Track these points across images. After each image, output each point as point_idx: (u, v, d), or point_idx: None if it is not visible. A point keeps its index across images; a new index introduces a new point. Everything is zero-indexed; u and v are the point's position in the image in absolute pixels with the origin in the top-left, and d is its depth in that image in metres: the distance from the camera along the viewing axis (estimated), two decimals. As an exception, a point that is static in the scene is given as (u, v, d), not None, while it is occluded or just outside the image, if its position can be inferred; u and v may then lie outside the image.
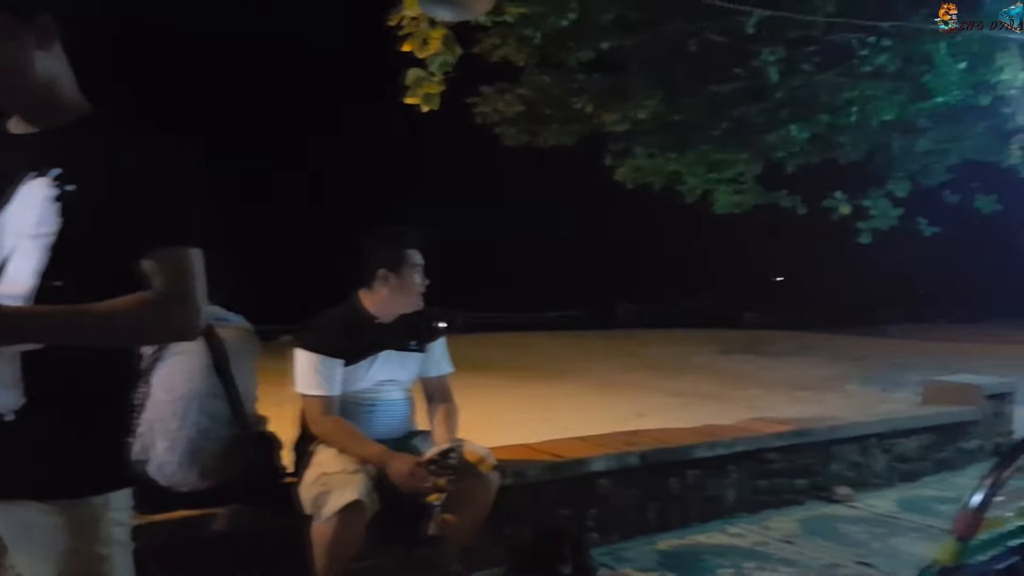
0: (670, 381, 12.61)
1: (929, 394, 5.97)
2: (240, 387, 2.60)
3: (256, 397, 2.74)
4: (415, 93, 4.62)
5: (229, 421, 2.58)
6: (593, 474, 3.67)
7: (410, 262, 2.98)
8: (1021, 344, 21.02)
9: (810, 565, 3.56)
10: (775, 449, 4.38)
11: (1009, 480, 1.18)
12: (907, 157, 9.37)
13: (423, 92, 4.57)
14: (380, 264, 2.97)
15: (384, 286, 2.97)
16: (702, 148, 8.83)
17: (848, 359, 16.42)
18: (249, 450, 2.67)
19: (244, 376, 2.65)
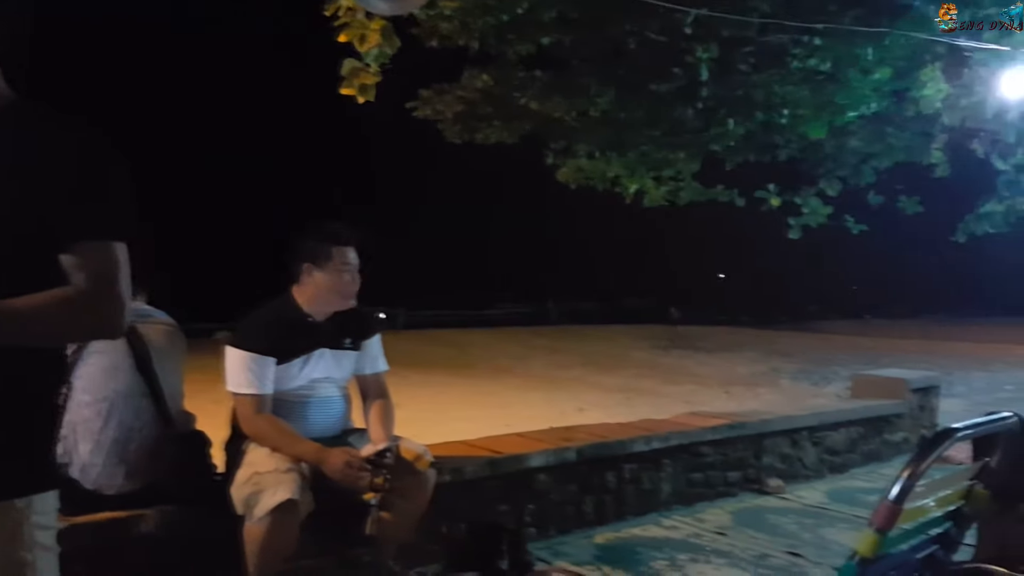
0: (610, 376, 12.75)
1: (857, 388, 6.14)
2: (165, 385, 2.54)
3: (183, 394, 2.67)
4: (351, 84, 4.55)
5: (154, 420, 2.51)
6: (531, 469, 3.68)
7: (336, 258, 2.91)
8: (946, 340, 21.87)
9: (742, 556, 3.64)
10: (709, 443, 4.45)
11: (928, 471, 1.22)
12: (838, 157, 9.63)
13: (359, 83, 4.49)
14: (304, 259, 2.92)
15: (310, 281, 2.92)
16: (643, 148, 8.93)
17: (781, 354, 16.85)
18: (176, 449, 2.61)
19: (169, 374, 2.58)
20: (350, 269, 2.93)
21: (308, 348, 2.94)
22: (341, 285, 2.91)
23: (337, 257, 2.91)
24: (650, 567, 3.45)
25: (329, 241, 2.92)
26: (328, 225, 2.99)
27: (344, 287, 2.92)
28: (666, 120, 8.54)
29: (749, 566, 3.52)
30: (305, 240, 2.96)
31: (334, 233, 2.95)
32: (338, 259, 2.91)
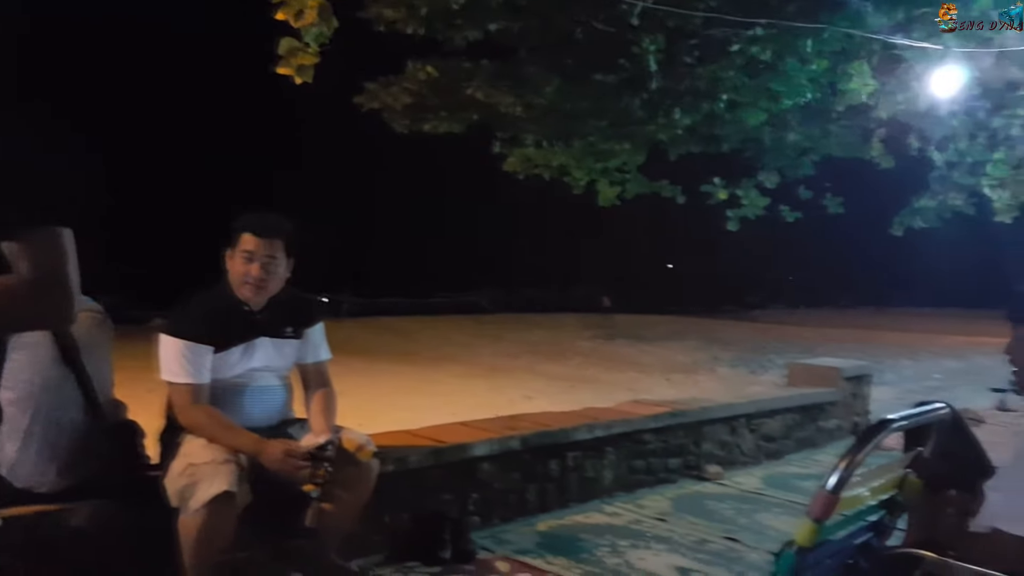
0: (555, 365, 12.83)
1: (793, 376, 6.29)
2: (94, 375, 2.45)
3: (112, 384, 2.59)
4: (288, 64, 4.45)
5: (83, 412, 2.42)
6: (475, 458, 3.68)
7: (239, 245, 2.82)
8: (877, 330, 22.58)
9: (681, 542, 3.70)
10: (651, 430, 4.51)
11: (864, 460, 1.25)
12: (777, 150, 9.83)
13: (297, 63, 4.40)
14: (225, 245, 2.86)
15: (228, 268, 2.86)
16: (589, 139, 8.97)
17: (720, 343, 17.18)
18: (107, 441, 2.52)
19: (97, 363, 2.49)
20: (254, 258, 2.81)
21: (247, 336, 2.87)
22: (241, 273, 2.82)
23: (240, 244, 2.83)
24: (592, 554, 3.48)
25: (238, 228, 2.85)
26: (250, 212, 2.92)
27: (243, 276, 2.81)
28: (612, 111, 8.59)
29: (688, 551, 3.58)
30: (230, 226, 2.90)
31: (242, 220, 2.87)
32: (240, 246, 2.82)
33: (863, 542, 1.51)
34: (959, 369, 13.08)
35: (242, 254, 2.82)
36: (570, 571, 3.26)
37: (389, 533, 3.35)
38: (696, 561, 3.46)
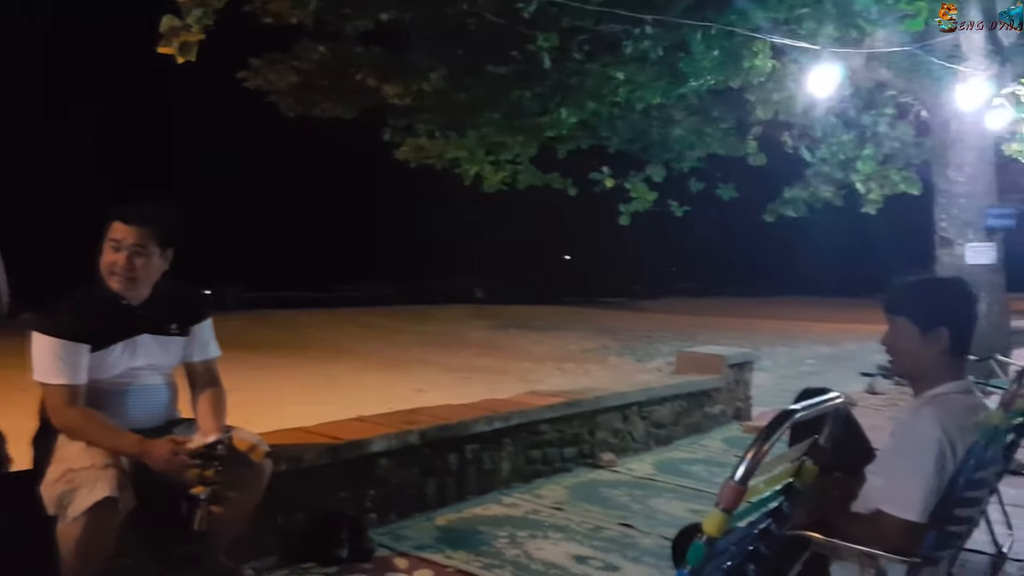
0: (449, 357, 12.80)
1: (681, 364, 6.50)
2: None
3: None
4: (170, 42, 4.24)
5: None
6: (373, 455, 3.61)
7: (107, 234, 2.66)
8: (753, 317, 23.67)
9: (578, 530, 3.75)
10: (547, 421, 4.56)
11: (769, 452, 1.29)
12: (663, 144, 10.14)
13: (179, 42, 4.20)
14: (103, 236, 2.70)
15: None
16: (482, 130, 8.97)
17: (608, 332, 17.58)
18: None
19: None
20: (121, 247, 2.65)
21: (127, 334, 2.71)
22: (108, 263, 2.66)
23: (108, 233, 2.67)
24: (491, 546, 3.49)
25: (108, 217, 2.69)
26: (129, 201, 2.75)
27: (110, 266, 2.66)
28: (504, 103, 8.63)
29: (584, 539, 3.63)
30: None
31: (114, 209, 2.71)
32: (109, 235, 2.67)
33: (763, 528, 1.56)
34: (830, 355, 13.86)
35: (110, 243, 2.65)
36: (470, 564, 3.25)
37: (283, 534, 3.25)
38: (592, 548, 3.52)
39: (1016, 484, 4.65)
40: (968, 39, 7.26)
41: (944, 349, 2.07)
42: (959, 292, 2.16)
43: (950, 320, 2.08)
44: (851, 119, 10.58)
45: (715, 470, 4.95)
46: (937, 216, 8.10)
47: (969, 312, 2.13)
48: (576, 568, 3.28)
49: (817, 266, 39.26)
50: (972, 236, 7.80)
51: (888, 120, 10.43)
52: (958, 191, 7.84)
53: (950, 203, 7.91)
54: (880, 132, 10.59)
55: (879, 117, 10.41)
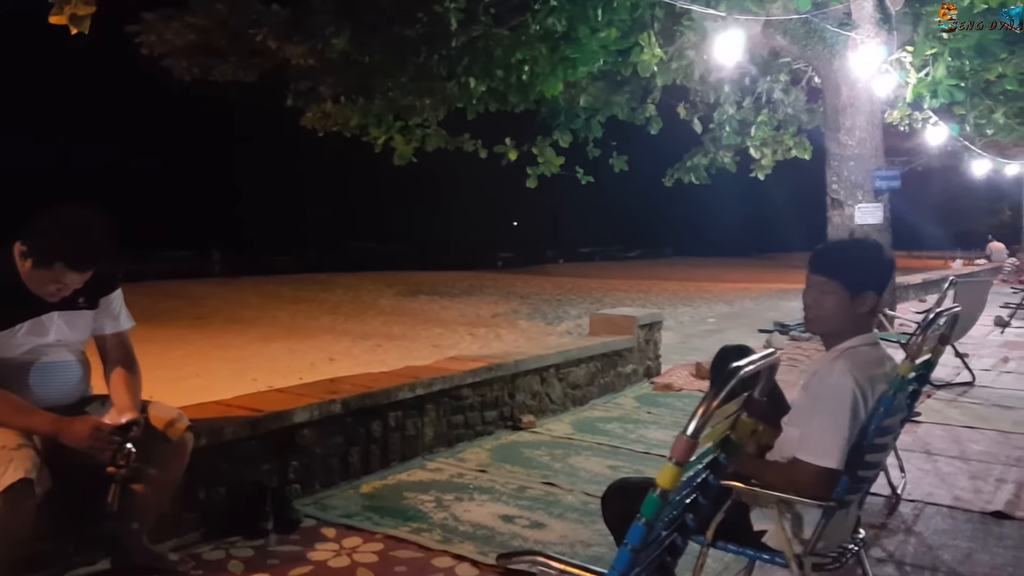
0: (358, 324, 12.66)
1: (594, 326, 6.63)
2: None
3: None
4: (61, 11, 3.97)
5: None
6: (295, 425, 3.56)
7: (49, 270, 2.50)
8: (656, 279, 24.34)
9: (502, 490, 3.82)
10: (469, 385, 4.59)
11: (717, 409, 1.35)
12: (570, 111, 10.22)
13: (70, 12, 3.94)
14: (16, 231, 2.55)
15: (22, 267, 2.55)
16: (390, 95, 8.80)
17: (518, 297, 17.77)
18: None
19: None
20: (64, 288, 2.58)
21: (33, 312, 2.57)
22: (46, 292, 2.56)
23: (51, 271, 2.51)
24: (418, 511, 3.51)
25: (49, 250, 2.50)
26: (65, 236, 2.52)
27: (47, 294, 2.57)
28: (412, 66, 8.49)
29: (510, 499, 3.70)
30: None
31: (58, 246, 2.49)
32: (51, 273, 2.52)
33: (702, 480, 1.64)
34: (730, 313, 14.42)
35: (52, 280, 2.52)
36: (398, 530, 3.27)
37: (205, 510, 3.18)
38: (518, 508, 3.59)
39: (907, 430, 5.00)
40: (859, 7, 7.58)
41: (869, 310, 2.20)
42: (885, 259, 2.29)
43: (877, 285, 2.21)
44: (747, 86, 10.92)
45: (629, 427, 5.11)
46: (829, 179, 8.47)
47: (891, 276, 2.25)
48: (503, 527, 3.34)
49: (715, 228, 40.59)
50: (861, 197, 8.21)
51: (783, 86, 10.82)
52: (848, 154, 8.22)
53: (841, 166, 8.29)
54: (775, 98, 10.99)
55: (774, 84, 10.79)
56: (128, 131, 30.36)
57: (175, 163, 32.30)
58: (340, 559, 2.99)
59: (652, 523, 1.31)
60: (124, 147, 31.05)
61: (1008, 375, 7.24)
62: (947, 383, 6.59)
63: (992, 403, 5.98)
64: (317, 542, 3.14)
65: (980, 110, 11.03)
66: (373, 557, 3.00)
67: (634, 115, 10.91)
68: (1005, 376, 7.18)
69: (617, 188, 22.27)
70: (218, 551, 3.04)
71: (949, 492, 3.92)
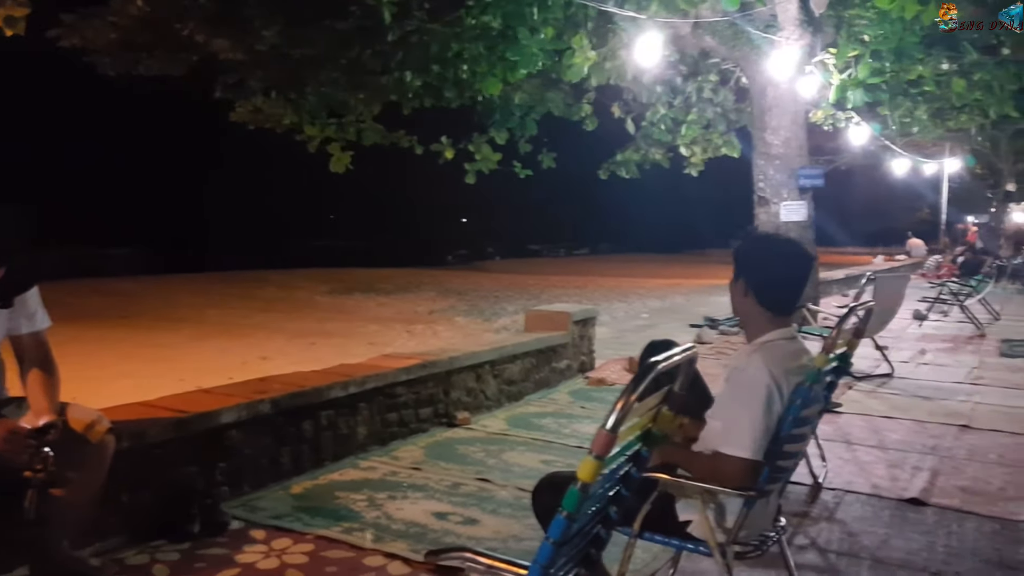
0: (292, 322, 12.46)
1: (529, 322, 6.67)
2: None
3: None
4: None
5: None
6: (223, 426, 3.49)
7: None
8: (591, 275, 24.59)
9: (437, 487, 3.82)
10: (403, 383, 4.57)
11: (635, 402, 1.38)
12: (505, 108, 10.24)
13: (5, 14, 3.81)
14: None
15: None
16: (323, 90, 8.67)
17: (455, 293, 17.74)
18: None
19: None
20: None
21: (-57, 309, 2.47)
22: None
23: None
24: (350, 510, 3.48)
25: None
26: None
27: None
28: (345, 60, 8.39)
29: (443, 496, 3.71)
30: None
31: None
32: None
33: (625, 472, 1.67)
34: (662, 308, 14.68)
35: None
36: (329, 530, 3.24)
37: (129, 513, 3.10)
38: (451, 504, 3.60)
39: (829, 420, 5.18)
40: (783, 9, 7.78)
41: (749, 298, 2.29)
42: (765, 249, 2.38)
43: (747, 272, 2.31)
44: (678, 86, 11.12)
45: (563, 422, 5.16)
46: (756, 177, 8.68)
47: (775, 269, 2.31)
48: (436, 524, 3.35)
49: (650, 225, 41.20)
50: (786, 195, 8.44)
51: (712, 86, 11.04)
52: (774, 153, 8.44)
53: (767, 165, 8.50)
54: (704, 98, 11.21)
55: (703, 83, 11.00)
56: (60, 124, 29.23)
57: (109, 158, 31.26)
58: (269, 561, 2.95)
59: (573, 516, 1.34)
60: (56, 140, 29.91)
61: (925, 367, 7.56)
62: (867, 375, 6.85)
63: (910, 394, 6.23)
64: (245, 544, 3.09)
65: (900, 110, 11.46)
66: (303, 558, 2.97)
67: (570, 112, 11.00)
68: (922, 368, 7.50)
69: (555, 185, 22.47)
70: (142, 555, 2.97)
71: (868, 480, 4.07)
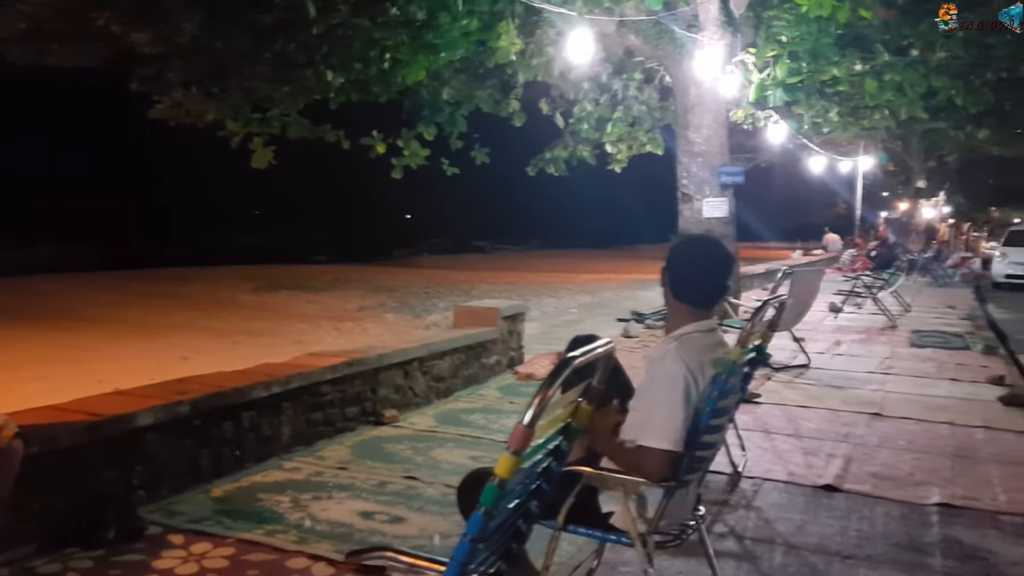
0: (215, 321, 12.16)
1: (458, 318, 6.67)
2: None
3: None
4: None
5: None
6: (139, 429, 3.38)
7: None
8: (522, 271, 24.69)
9: (363, 487, 3.78)
10: (328, 382, 4.51)
11: (554, 396, 1.39)
12: (433, 103, 10.19)
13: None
14: None
15: None
16: (246, 84, 8.46)
17: (385, 290, 17.58)
18: None
19: None
20: None
21: None
22: None
23: None
24: (273, 512, 3.42)
25: None
26: None
27: None
28: (269, 53, 8.21)
29: (370, 495, 3.68)
30: None
31: None
32: None
33: (545, 467, 1.69)
34: (591, 303, 14.85)
35: None
36: (251, 533, 3.18)
37: (40, 521, 2.98)
38: (378, 503, 3.57)
39: (748, 411, 5.34)
40: (705, 9, 7.94)
41: (667, 290, 2.40)
42: (683, 245, 2.47)
43: (668, 269, 2.41)
44: (604, 83, 11.25)
45: (492, 417, 5.18)
46: (679, 174, 8.86)
47: (690, 263, 2.41)
48: (362, 524, 3.32)
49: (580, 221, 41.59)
50: (708, 192, 8.63)
51: (637, 84, 11.21)
52: (697, 151, 8.62)
53: (690, 162, 8.68)
54: (630, 96, 11.37)
55: (629, 81, 11.16)
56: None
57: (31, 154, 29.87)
58: (188, 566, 2.88)
59: (491, 512, 1.34)
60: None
61: (840, 357, 7.86)
62: (785, 366, 7.08)
63: (825, 384, 6.47)
64: (163, 550, 3.01)
65: (817, 109, 11.85)
66: (223, 562, 2.91)
67: (498, 107, 11.02)
68: (837, 358, 7.79)
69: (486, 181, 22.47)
70: (54, 564, 2.87)
71: (785, 468, 4.21)
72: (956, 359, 7.84)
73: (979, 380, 6.71)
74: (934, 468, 4.25)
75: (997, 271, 19.93)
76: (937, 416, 5.40)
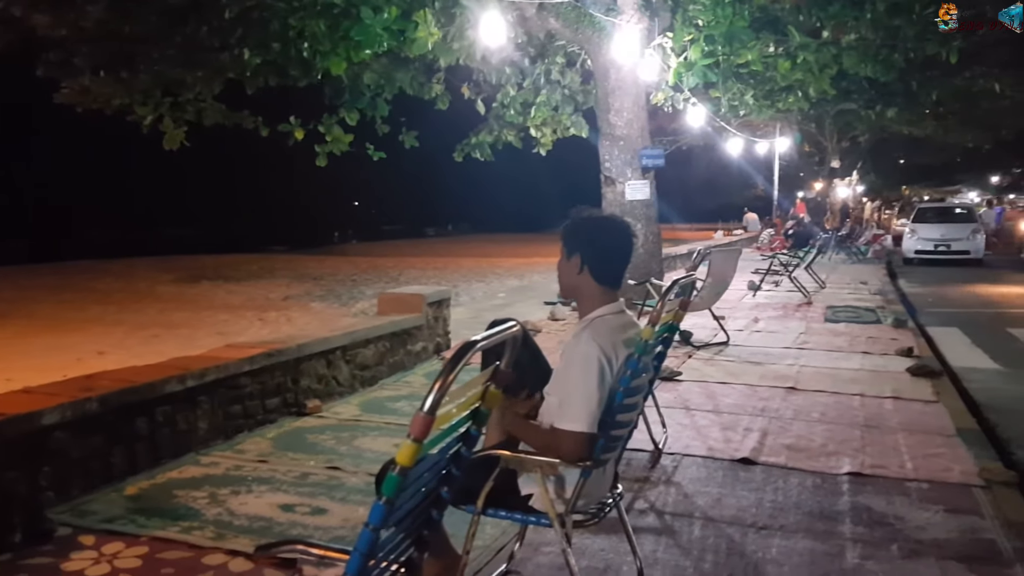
0: (132, 314, 11.75)
1: (383, 305, 6.61)
2: None
3: None
4: None
5: None
6: (45, 428, 3.24)
7: None
8: (451, 256, 24.63)
9: (284, 479, 3.72)
10: (247, 373, 4.41)
11: (455, 381, 1.39)
12: (354, 88, 10.03)
13: None
14: None
15: None
16: (156, 68, 8.16)
17: (310, 278, 17.29)
18: None
19: None
20: None
21: None
22: None
23: None
24: (190, 508, 3.34)
25: None
26: None
27: None
28: (179, 36, 7.94)
29: (291, 487, 3.62)
30: None
31: None
32: None
33: (454, 452, 1.69)
34: (519, 287, 14.90)
35: None
36: (166, 530, 3.10)
37: (-64, 529, 2.85)
38: (299, 495, 3.52)
39: (669, 388, 5.45)
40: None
41: (584, 275, 2.36)
42: (594, 225, 2.45)
43: (582, 247, 2.37)
44: (527, 67, 11.26)
45: (418, 404, 5.13)
46: (602, 157, 8.96)
47: (606, 243, 2.39)
48: (282, 517, 3.27)
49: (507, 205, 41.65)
50: (631, 175, 8.76)
51: (559, 68, 11.25)
52: (618, 134, 8.73)
53: (612, 145, 8.78)
54: (552, 80, 11.41)
55: (551, 65, 11.20)
56: None
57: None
58: (99, 567, 2.79)
59: (393, 501, 1.34)
60: None
61: (758, 334, 8.09)
62: (706, 344, 7.25)
63: (743, 360, 6.65)
64: (73, 551, 2.91)
65: (733, 92, 12.11)
66: (136, 562, 2.83)
67: (422, 90, 10.92)
68: (755, 335, 8.02)
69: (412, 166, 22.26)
70: (-47, 573, 2.74)
71: (704, 443, 4.32)
72: (868, 333, 8.17)
73: (889, 352, 7.00)
74: (845, 438, 4.41)
75: (907, 247, 20.80)
76: (849, 388, 5.62)
